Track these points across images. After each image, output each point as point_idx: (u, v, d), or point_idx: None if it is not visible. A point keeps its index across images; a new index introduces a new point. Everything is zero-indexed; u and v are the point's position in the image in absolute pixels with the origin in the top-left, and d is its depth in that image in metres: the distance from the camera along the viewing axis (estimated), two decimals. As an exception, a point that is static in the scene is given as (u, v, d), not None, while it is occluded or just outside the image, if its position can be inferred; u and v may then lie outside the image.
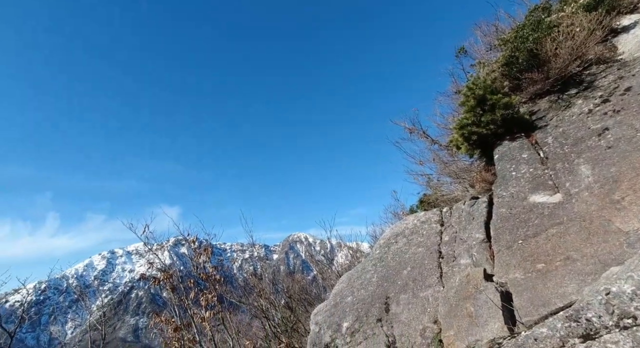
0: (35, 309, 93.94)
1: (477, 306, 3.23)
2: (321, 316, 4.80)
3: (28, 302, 13.68)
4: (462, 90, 5.01)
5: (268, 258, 65.21)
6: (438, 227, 4.87)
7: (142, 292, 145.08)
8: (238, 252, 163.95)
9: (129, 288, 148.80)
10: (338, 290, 5.02)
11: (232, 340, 4.96)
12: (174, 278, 4.82)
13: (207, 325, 4.98)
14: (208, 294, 4.67)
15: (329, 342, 4.50)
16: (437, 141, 7.76)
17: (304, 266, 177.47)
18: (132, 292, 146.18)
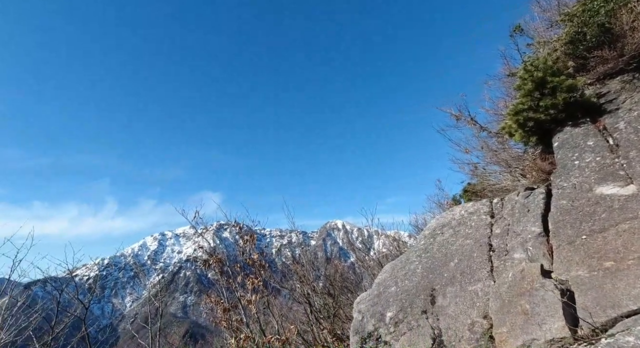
0: (100, 283, 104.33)
1: (533, 303, 3.05)
2: (364, 305, 4.82)
3: (94, 277, 15.19)
4: (518, 72, 4.63)
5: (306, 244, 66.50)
6: (488, 218, 4.63)
7: (189, 272, 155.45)
8: (277, 237, 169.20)
9: (177, 268, 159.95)
10: (381, 280, 4.99)
11: (277, 323, 5.15)
12: (222, 262, 5.06)
13: (253, 308, 5.20)
14: (254, 279, 4.86)
15: (372, 330, 4.51)
16: (486, 128, 7.32)
17: (342, 253, 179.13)
18: (181, 271, 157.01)
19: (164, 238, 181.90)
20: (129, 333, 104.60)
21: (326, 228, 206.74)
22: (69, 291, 5.57)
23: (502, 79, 7.31)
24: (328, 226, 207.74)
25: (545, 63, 4.38)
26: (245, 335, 4.81)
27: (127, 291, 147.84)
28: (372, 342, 4.44)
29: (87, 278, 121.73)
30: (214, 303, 5.34)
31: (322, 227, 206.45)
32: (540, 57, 4.37)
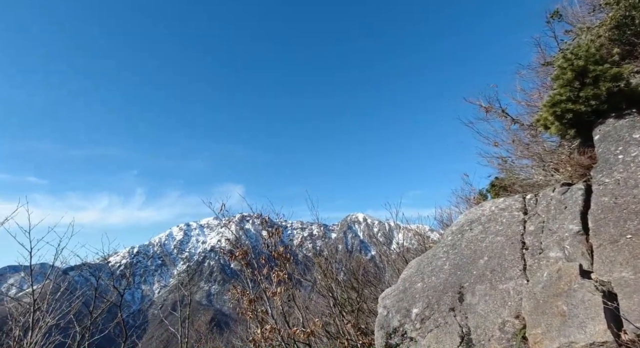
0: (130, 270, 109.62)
1: (571, 305, 2.91)
2: (389, 300, 4.78)
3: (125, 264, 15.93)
4: (556, 61, 4.37)
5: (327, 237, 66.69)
6: (521, 215, 4.45)
7: (213, 262, 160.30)
8: (298, 229, 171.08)
9: (202, 257, 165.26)
10: (407, 276, 4.93)
11: (301, 316, 5.21)
12: (248, 254, 5.15)
13: (277, 300, 5.27)
14: (279, 271, 4.93)
15: (398, 326, 4.48)
16: (518, 120, 7.01)
17: (362, 246, 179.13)
18: (205, 261, 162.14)
19: (189, 229, 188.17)
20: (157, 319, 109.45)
21: (347, 221, 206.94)
22: (103, 277, 5.89)
23: (536, 69, 6.95)
24: (349, 219, 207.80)
25: (588, 50, 4.10)
26: (270, 326, 4.89)
27: (155, 278, 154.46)
28: (398, 337, 4.41)
29: (118, 266, 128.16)
30: (240, 294, 5.45)
31: (343, 220, 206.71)
32: (581, 44, 4.09)
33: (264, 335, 5.09)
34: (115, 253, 6.60)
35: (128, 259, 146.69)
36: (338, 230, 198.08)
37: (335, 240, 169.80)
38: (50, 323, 4.06)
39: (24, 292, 8.30)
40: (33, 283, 4.34)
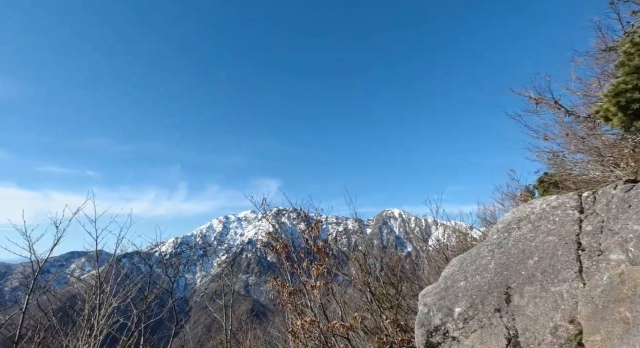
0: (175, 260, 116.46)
1: (636, 311, 2.70)
2: (430, 298, 4.70)
3: (170, 253, 16.96)
4: (622, 46, 3.99)
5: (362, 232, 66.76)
6: (576, 214, 4.16)
7: (250, 254, 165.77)
8: (333, 224, 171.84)
9: (240, 249, 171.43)
10: (448, 274, 4.81)
11: (341, 310, 5.28)
12: (288, 248, 5.29)
13: (316, 293, 5.37)
14: (319, 265, 5.01)
15: (439, 325, 4.39)
16: (573, 112, 6.51)
17: (398, 242, 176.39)
18: (243, 253, 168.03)
19: (228, 222, 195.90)
20: (199, 306, 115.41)
21: (382, 216, 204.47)
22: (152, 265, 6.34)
23: (594, 55, 6.39)
24: (384, 214, 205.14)
25: (659, 33, 3.71)
26: (310, 319, 5.00)
27: (197, 268, 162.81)
28: (439, 336, 4.33)
29: (164, 255, 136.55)
30: (280, 286, 5.61)
31: (379, 215, 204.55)
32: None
33: (303, 327, 5.22)
34: (162, 243, 7.04)
35: (173, 249, 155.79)
36: (373, 226, 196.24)
37: (371, 235, 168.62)
38: (114, 306, 4.46)
39: (87, 274, 8.99)
40: (92, 268, 4.76)
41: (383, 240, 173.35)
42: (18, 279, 53.12)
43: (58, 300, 4.86)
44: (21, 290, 55.47)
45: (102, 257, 5.58)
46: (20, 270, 37.97)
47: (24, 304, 3.69)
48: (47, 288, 4.29)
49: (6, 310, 4.08)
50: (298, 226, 6.11)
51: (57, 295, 4.89)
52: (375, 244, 46.08)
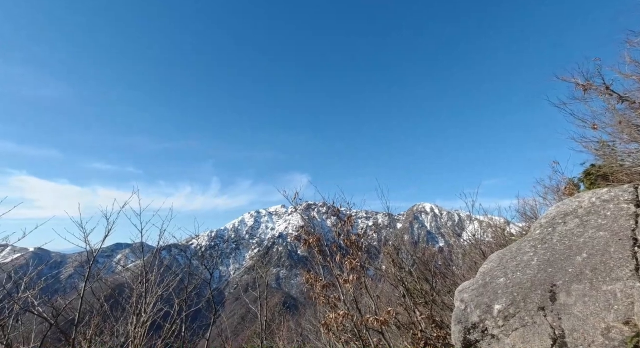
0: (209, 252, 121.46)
1: (703, 314, 2.47)
2: (467, 294, 4.57)
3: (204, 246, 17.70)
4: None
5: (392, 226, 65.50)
6: (631, 207, 3.86)
7: (281, 247, 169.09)
8: (362, 218, 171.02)
9: (271, 243, 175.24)
10: (487, 270, 4.64)
11: (374, 304, 5.26)
12: (321, 241, 5.32)
13: (349, 287, 5.38)
14: (352, 259, 5.01)
15: (477, 321, 4.26)
16: (627, 98, 6.00)
17: (429, 237, 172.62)
18: (274, 246, 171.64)
19: (259, 216, 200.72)
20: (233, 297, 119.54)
21: (413, 210, 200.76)
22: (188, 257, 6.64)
23: (652, 34, 5.84)
24: (415, 209, 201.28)
25: None
26: (344, 312, 5.02)
27: (230, 260, 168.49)
28: (477, 333, 4.20)
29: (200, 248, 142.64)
30: (313, 279, 5.67)
31: (409, 210, 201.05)
32: None
33: (336, 320, 5.26)
34: (198, 236, 7.36)
35: (207, 242, 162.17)
36: (404, 220, 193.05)
37: (401, 230, 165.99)
38: (158, 294, 4.74)
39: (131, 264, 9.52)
40: (135, 259, 5.06)
41: (414, 235, 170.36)
42: (73, 267, 58.01)
43: (109, 288, 5.25)
44: (75, 277, 59.91)
45: (144, 249, 5.91)
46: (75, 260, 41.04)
47: (82, 290, 4.02)
48: (99, 277, 4.63)
49: (65, 295, 4.47)
50: (327, 220, 6.13)
51: (108, 283, 5.28)
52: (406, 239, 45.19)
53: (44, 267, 5.07)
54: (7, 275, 4.03)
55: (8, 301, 3.61)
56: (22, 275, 3.98)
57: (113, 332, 5.06)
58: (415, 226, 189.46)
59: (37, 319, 4.06)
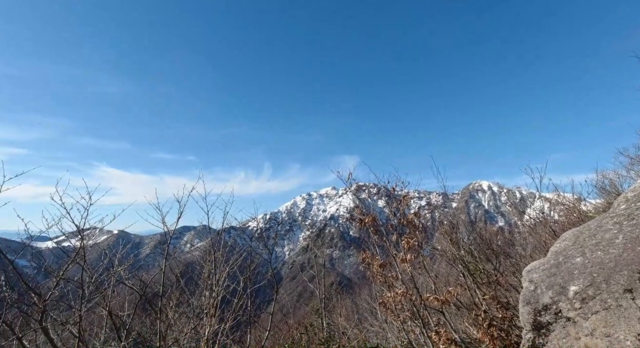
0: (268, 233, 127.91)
1: None
2: (537, 274, 4.29)
3: (260, 228, 18.68)
4: None
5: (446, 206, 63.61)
6: None
7: (333, 229, 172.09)
8: (415, 198, 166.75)
9: (323, 225, 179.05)
10: (560, 249, 4.30)
11: (433, 283, 5.18)
12: (376, 221, 5.31)
13: (407, 266, 5.34)
14: (409, 239, 4.94)
15: (549, 303, 4.00)
16: None
17: (488, 216, 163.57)
18: (326, 228, 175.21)
19: (310, 198, 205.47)
20: (289, 276, 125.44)
21: (469, 189, 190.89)
22: (248, 237, 7.00)
23: None
24: (471, 187, 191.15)
25: None
26: (402, 291, 5.02)
27: (285, 242, 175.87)
28: (550, 315, 3.94)
29: (256, 230, 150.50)
30: (370, 258, 5.71)
31: (465, 188, 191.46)
32: None
33: (395, 298, 5.27)
34: (255, 218, 7.78)
35: (263, 224, 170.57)
36: (459, 200, 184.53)
37: (456, 209, 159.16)
38: (226, 270, 5.15)
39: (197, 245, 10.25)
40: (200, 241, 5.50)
41: (470, 215, 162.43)
42: (149, 247, 64.85)
43: (182, 265, 5.85)
44: (151, 256, 66.80)
45: (207, 233, 6.40)
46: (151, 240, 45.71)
47: (164, 266, 4.53)
48: (175, 255, 5.16)
49: (148, 272, 5.09)
50: (379, 201, 6.06)
51: (182, 261, 5.88)
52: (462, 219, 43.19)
53: (128, 247, 5.73)
54: (103, 252, 4.67)
55: (107, 275, 4.22)
56: (115, 253, 4.60)
57: (189, 304, 5.63)
58: (471, 205, 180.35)
59: (128, 291, 4.70)
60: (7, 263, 3.33)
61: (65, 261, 3.81)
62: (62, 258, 4.20)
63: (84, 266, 3.82)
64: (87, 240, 3.89)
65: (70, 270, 3.82)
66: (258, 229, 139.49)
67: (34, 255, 4.28)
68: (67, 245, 4.82)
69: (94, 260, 4.74)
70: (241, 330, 6.25)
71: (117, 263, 4.42)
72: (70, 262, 3.75)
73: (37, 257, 4.11)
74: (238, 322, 5.30)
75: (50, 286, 3.68)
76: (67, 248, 4.64)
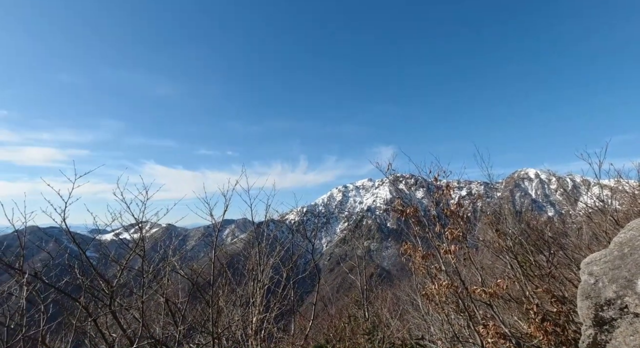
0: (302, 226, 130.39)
1: None
2: (598, 267, 3.99)
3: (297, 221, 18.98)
4: None
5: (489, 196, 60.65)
6: None
7: (370, 220, 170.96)
8: (454, 188, 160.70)
9: (360, 217, 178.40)
10: (625, 239, 3.96)
11: (480, 275, 5.00)
12: (418, 213, 5.21)
13: (451, 258, 5.19)
14: (453, 229, 4.80)
15: (613, 298, 3.71)
16: None
17: (535, 206, 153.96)
18: (363, 220, 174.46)
19: (346, 190, 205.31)
20: (327, 268, 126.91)
21: (514, 178, 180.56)
22: (291, 229, 7.16)
23: None
24: (516, 175, 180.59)
25: None
26: (447, 283, 4.90)
27: (322, 234, 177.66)
28: (613, 311, 3.66)
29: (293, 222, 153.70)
30: (412, 250, 5.62)
31: (509, 177, 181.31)
32: None
33: (439, 290, 5.17)
34: (291, 211, 7.88)
35: (300, 217, 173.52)
36: (503, 189, 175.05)
37: (500, 199, 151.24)
38: (271, 261, 5.34)
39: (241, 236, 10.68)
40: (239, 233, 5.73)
41: (516, 204, 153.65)
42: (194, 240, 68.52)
43: (229, 256, 6.16)
44: (196, 248, 70.02)
45: (247, 225, 6.63)
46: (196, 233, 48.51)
47: (213, 256, 4.81)
48: (223, 245, 5.43)
49: (198, 261, 5.43)
50: (417, 192, 5.91)
51: (227, 252, 6.19)
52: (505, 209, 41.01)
53: (178, 239, 6.10)
54: (158, 244, 5.04)
55: (162, 265, 4.56)
56: (168, 244, 4.96)
57: (235, 293, 5.91)
58: (517, 194, 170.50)
59: (181, 279, 5.05)
60: (80, 254, 3.71)
61: (127, 251, 4.16)
62: (123, 249, 4.58)
63: (143, 257, 4.16)
64: (146, 233, 4.22)
65: (131, 260, 4.18)
66: (296, 221, 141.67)
67: (98, 246, 4.71)
68: (123, 238, 5.26)
69: (148, 251, 5.11)
70: (284, 319, 6.47)
71: (170, 254, 4.76)
72: (132, 252, 4.10)
73: (104, 247, 4.52)
74: (281, 311, 5.48)
75: (115, 274, 4.05)
76: (125, 240, 5.06)
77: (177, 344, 4.10)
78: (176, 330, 4.26)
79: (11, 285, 3.51)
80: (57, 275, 3.91)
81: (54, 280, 3.74)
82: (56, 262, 4.32)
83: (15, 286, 3.50)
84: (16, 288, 3.47)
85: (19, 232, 3.55)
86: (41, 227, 5.37)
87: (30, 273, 3.36)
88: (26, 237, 3.76)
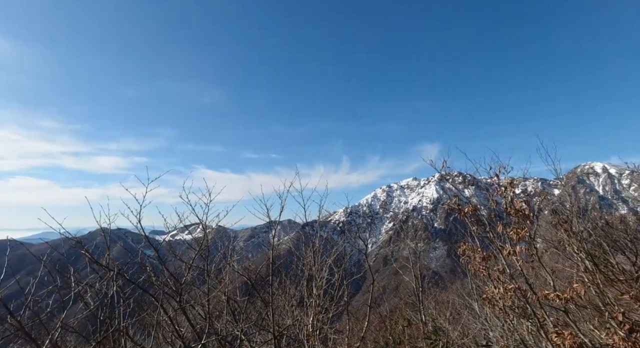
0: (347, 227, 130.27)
1: None
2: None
3: (342, 222, 18.95)
4: None
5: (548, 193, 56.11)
6: None
7: (416, 220, 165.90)
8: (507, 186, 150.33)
9: (405, 217, 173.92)
10: None
11: (551, 279, 4.60)
12: (478, 212, 4.93)
13: (516, 260, 4.84)
14: (519, 229, 4.46)
15: None
16: None
17: (603, 203, 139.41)
18: (409, 220, 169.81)
19: (391, 190, 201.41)
20: (373, 269, 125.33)
21: (576, 173, 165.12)
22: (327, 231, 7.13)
23: None
24: (579, 170, 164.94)
25: None
26: (513, 287, 4.58)
27: (367, 234, 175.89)
28: None
29: (338, 223, 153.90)
30: (471, 251, 5.35)
31: (571, 172, 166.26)
32: None
33: (504, 295, 4.84)
34: (335, 212, 7.84)
35: (344, 218, 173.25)
36: (562, 186, 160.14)
37: (560, 196, 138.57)
38: (328, 262, 5.38)
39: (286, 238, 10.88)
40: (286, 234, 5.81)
41: (580, 202, 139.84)
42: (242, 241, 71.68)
43: (283, 256, 6.33)
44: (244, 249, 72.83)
45: (292, 225, 6.71)
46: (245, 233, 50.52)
47: (270, 254, 4.96)
48: (279, 244, 5.60)
49: (251, 262, 5.68)
50: (465, 190, 5.58)
51: (281, 251, 6.37)
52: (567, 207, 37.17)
53: (234, 240, 6.35)
54: (219, 245, 5.31)
55: (223, 264, 4.79)
56: (227, 245, 5.21)
57: (288, 292, 6.02)
58: (580, 191, 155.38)
59: (238, 278, 5.27)
60: (154, 253, 4.03)
61: (192, 251, 4.42)
62: (185, 249, 4.88)
63: (207, 257, 4.40)
64: (210, 235, 4.46)
65: (195, 259, 4.44)
66: (341, 222, 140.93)
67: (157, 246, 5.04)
68: (181, 238, 5.58)
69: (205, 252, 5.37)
70: (337, 320, 6.46)
71: (229, 254, 4.99)
72: (197, 252, 4.35)
73: (170, 247, 4.84)
74: (338, 312, 5.49)
75: (182, 273, 4.33)
76: (179, 241, 5.37)
77: (240, 341, 4.27)
78: (237, 327, 4.43)
79: (95, 280, 3.91)
80: (134, 273, 4.27)
81: (134, 277, 4.09)
82: (127, 261, 4.72)
83: (101, 282, 3.89)
84: (103, 283, 3.86)
85: (105, 231, 3.93)
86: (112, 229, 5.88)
87: (117, 271, 3.71)
88: (99, 238, 4.15)
